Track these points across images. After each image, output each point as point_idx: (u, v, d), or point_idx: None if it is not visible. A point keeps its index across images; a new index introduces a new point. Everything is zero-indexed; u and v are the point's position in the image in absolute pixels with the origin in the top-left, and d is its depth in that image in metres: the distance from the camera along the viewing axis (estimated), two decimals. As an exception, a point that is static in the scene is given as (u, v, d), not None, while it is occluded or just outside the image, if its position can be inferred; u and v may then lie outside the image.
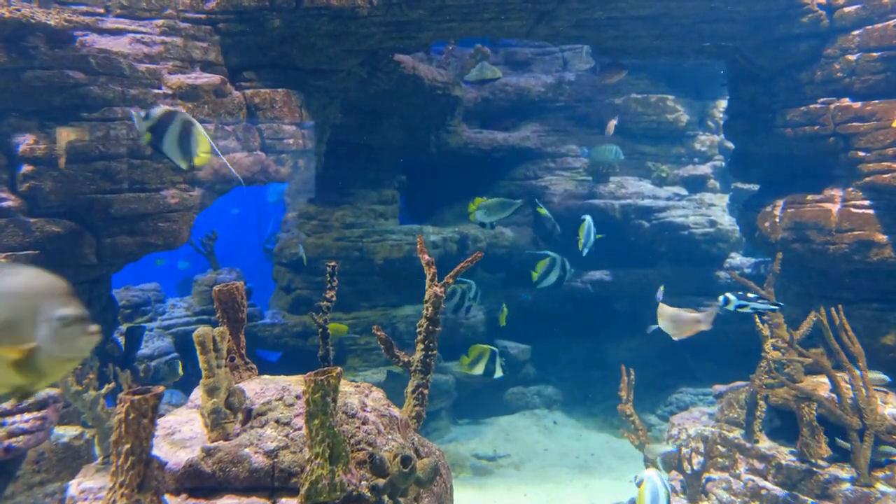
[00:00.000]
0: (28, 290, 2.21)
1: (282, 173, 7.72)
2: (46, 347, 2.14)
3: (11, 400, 2.43)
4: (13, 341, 2.14)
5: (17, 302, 2.17)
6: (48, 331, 2.15)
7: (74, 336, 2.16)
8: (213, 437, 3.50)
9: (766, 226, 8.40)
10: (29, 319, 2.15)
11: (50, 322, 2.16)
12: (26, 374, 2.20)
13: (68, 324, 2.16)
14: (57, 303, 2.20)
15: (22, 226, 6.06)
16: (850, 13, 7.35)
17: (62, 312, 2.17)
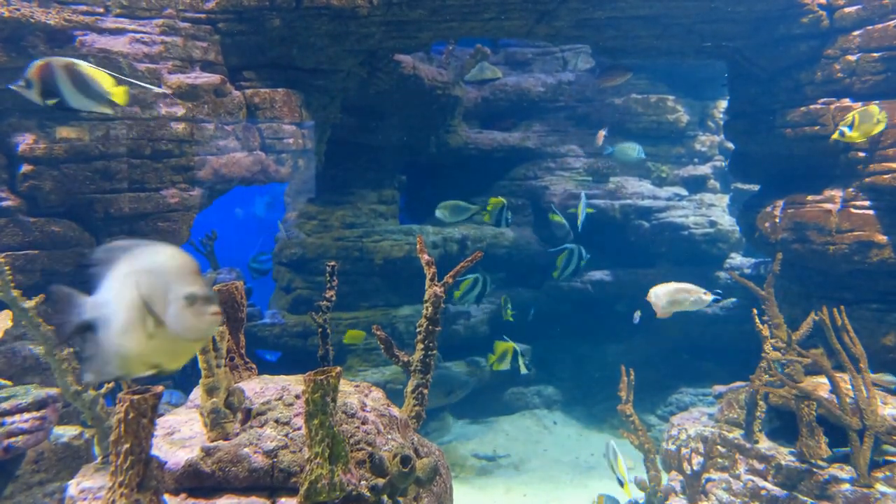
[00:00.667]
0: (165, 268, 2.18)
1: (282, 173, 7.72)
2: (173, 327, 2.13)
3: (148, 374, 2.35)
4: (150, 318, 2.13)
5: (155, 279, 2.15)
6: (175, 310, 2.13)
7: (197, 316, 2.14)
8: (212, 436, 3.50)
9: (766, 226, 8.40)
10: (163, 297, 2.13)
11: (177, 301, 2.14)
12: (160, 354, 2.19)
13: (192, 303, 2.13)
14: (186, 281, 2.16)
15: (22, 225, 6.07)
16: (851, 13, 7.35)
17: (188, 291, 2.14)
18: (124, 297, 2.17)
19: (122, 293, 2.18)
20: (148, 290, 2.14)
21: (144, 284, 2.15)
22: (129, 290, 2.17)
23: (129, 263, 2.22)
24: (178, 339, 2.15)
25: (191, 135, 6.86)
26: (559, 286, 12.21)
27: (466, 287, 10.01)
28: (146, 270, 2.18)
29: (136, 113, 6.55)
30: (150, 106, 6.66)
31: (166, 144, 6.71)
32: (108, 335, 2.21)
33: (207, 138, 7.01)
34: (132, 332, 2.16)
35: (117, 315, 2.19)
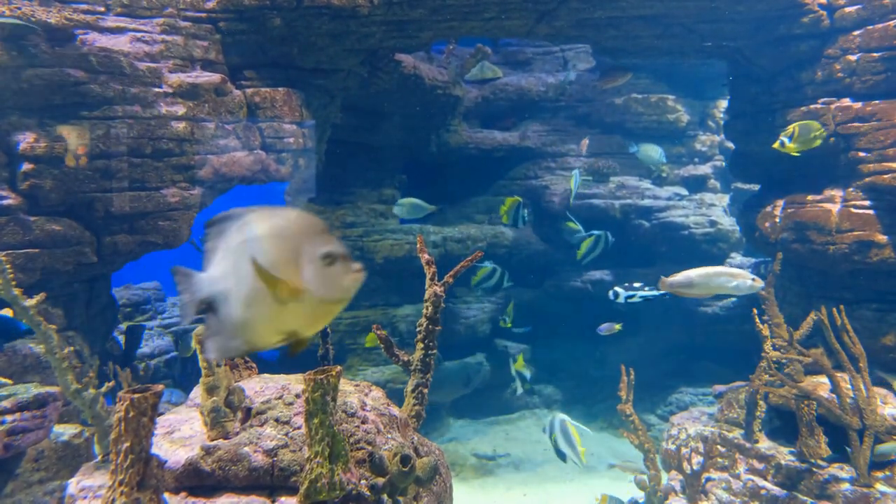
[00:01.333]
0: (294, 231, 2.08)
1: (282, 172, 7.72)
2: (313, 288, 2.01)
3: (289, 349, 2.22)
4: (284, 283, 2.01)
5: (284, 244, 2.05)
6: (313, 271, 2.02)
7: (339, 275, 2.02)
8: (212, 435, 3.50)
9: (767, 226, 8.40)
10: (296, 260, 2.02)
11: (314, 262, 2.02)
12: (297, 319, 2.07)
13: (332, 262, 2.02)
14: (320, 241, 2.05)
15: (22, 224, 6.07)
16: (851, 13, 7.35)
17: (326, 250, 2.03)
18: (244, 268, 2.06)
19: (240, 264, 2.07)
20: (276, 255, 2.04)
21: (271, 250, 2.04)
22: (247, 261, 2.05)
23: (245, 232, 2.12)
24: (321, 302, 2.03)
25: (191, 134, 6.86)
26: (559, 286, 12.21)
27: (483, 275, 10.10)
28: (270, 236, 2.07)
29: (136, 112, 6.55)
30: (151, 105, 6.66)
31: (167, 143, 6.71)
32: (233, 309, 2.10)
33: (208, 137, 7.01)
34: (261, 301, 2.04)
35: (240, 287, 2.07)
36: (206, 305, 2.16)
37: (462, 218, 12.67)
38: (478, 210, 12.83)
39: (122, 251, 6.65)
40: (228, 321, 2.11)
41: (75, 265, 6.36)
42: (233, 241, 2.12)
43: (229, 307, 2.10)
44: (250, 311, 2.06)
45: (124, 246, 6.64)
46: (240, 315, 2.08)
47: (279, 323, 2.07)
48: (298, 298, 2.00)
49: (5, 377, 5.81)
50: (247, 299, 2.06)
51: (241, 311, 2.08)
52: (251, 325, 2.09)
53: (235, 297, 2.08)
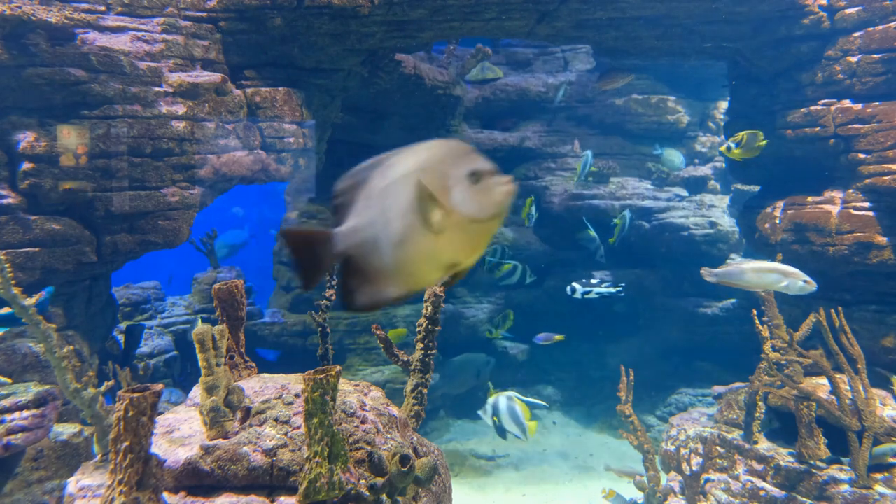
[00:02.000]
0: (437, 160, 2.00)
1: (282, 172, 7.73)
2: (464, 209, 1.91)
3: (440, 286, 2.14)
4: (436, 211, 1.92)
5: (430, 175, 1.96)
6: (462, 192, 1.92)
7: (487, 191, 1.91)
8: (211, 435, 3.50)
9: (766, 227, 8.40)
10: (444, 187, 1.93)
11: (461, 183, 1.93)
12: (455, 248, 1.97)
13: (479, 179, 1.92)
14: (463, 162, 1.96)
15: (22, 223, 6.07)
16: (852, 15, 7.35)
17: (471, 168, 1.94)
18: (391, 207, 1.99)
19: (387, 205, 2.00)
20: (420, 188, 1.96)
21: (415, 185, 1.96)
22: (394, 199, 1.99)
23: (383, 176, 2.05)
24: (473, 222, 1.92)
25: (191, 133, 6.86)
26: (559, 286, 12.21)
27: (505, 272, 10.08)
28: (414, 171, 2.00)
29: (137, 111, 6.55)
30: (152, 104, 6.66)
31: (167, 143, 6.71)
32: (384, 254, 2.01)
33: (208, 137, 7.02)
34: (415, 237, 1.95)
35: (389, 228, 1.99)
36: (343, 260, 2.08)
37: (462, 218, 12.66)
38: (478, 210, 12.82)
39: (121, 250, 6.65)
40: (380, 267, 2.03)
41: (75, 264, 6.36)
42: (375, 186, 2.06)
43: (379, 253, 2.02)
44: (405, 251, 1.98)
45: (124, 245, 6.64)
46: (394, 257, 2.00)
47: (437, 256, 1.98)
48: (453, 224, 1.92)
49: (4, 376, 5.81)
50: (399, 239, 1.98)
51: (394, 253, 2.00)
52: (408, 265, 2.01)
53: (386, 240, 2.01)
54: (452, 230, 1.92)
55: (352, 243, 2.06)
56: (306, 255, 2.12)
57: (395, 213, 1.98)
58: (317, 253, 2.10)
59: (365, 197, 2.08)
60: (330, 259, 2.08)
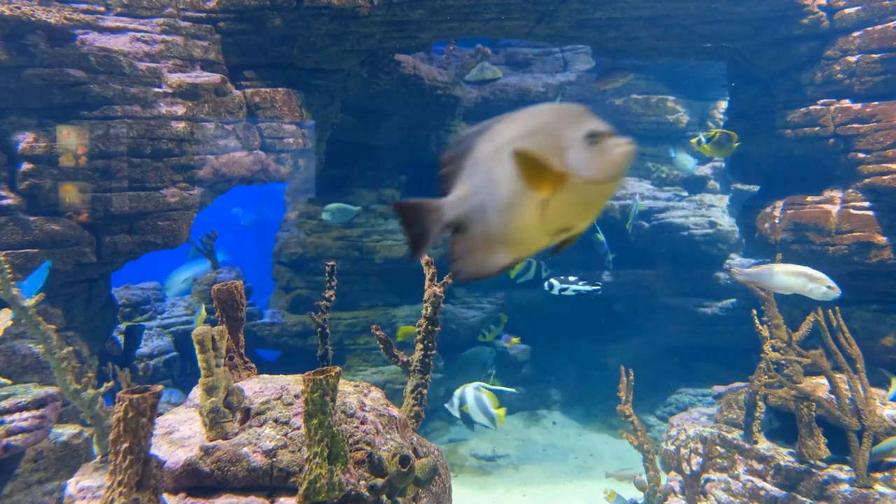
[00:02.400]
0: (549, 123, 1.96)
1: (282, 172, 7.72)
2: (581, 171, 1.85)
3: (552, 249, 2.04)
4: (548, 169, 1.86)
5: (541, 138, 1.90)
6: (577, 154, 1.86)
7: (607, 151, 1.85)
8: (211, 436, 3.50)
9: (766, 227, 8.40)
10: (558, 150, 1.87)
11: (577, 144, 1.87)
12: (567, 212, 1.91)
13: (597, 140, 1.86)
14: (579, 123, 1.90)
15: (22, 224, 6.06)
16: (851, 15, 7.35)
17: (588, 129, 1.87)
18: (499, 173, 1.93)
19: (494, 171, 1.95)
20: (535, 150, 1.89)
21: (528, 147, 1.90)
22: (501, 164, 1.93)
23: (490, 142, 2.01)
24: (590, 184, 1.86)
25: (191, 134, 6.86)
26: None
27: (519, 269, 10.04)
28: (524, 135, 1.94)
29: (136, 112, 6.55)
30: (151, 105, 6.66)
31: (166, 143, 6.71)
32: (492, 220, 1.97)
33: (208, 137, 7.02)
34: (524, 201, 1.90)
35: (497, 194, 1.94)
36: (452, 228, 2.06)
37: (462, 218, 12.66)
38: (477, 210, 12.83)
39: (121, 251, 6.65)
40: (488, 235, 1.99)
41: (74, 265, 6.36)
42: (483, 152, 2.02)
43: (487, 220, 1.98)
44: (514, 217, 1.94)
45: (124, 246, 6.64)
46: (502, 223, 1.96)
47: (548, 221, 1.92)
48: (566, 187, 1.85)
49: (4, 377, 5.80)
50: (507, 205, 1.93)
51: (503, 218, 1.95)
52: (517, 232, 1.96)
53: (493, 206, 1.96)
54: (567, 194, 1.86)
55: (460, 212, 2.03)
56: (416, 225, 2.10)
57: (502, 178, 1.93)
58: (426, 223, 2.08)
59: (471, 164, 2.05)
60: (439, 228, 2.06)
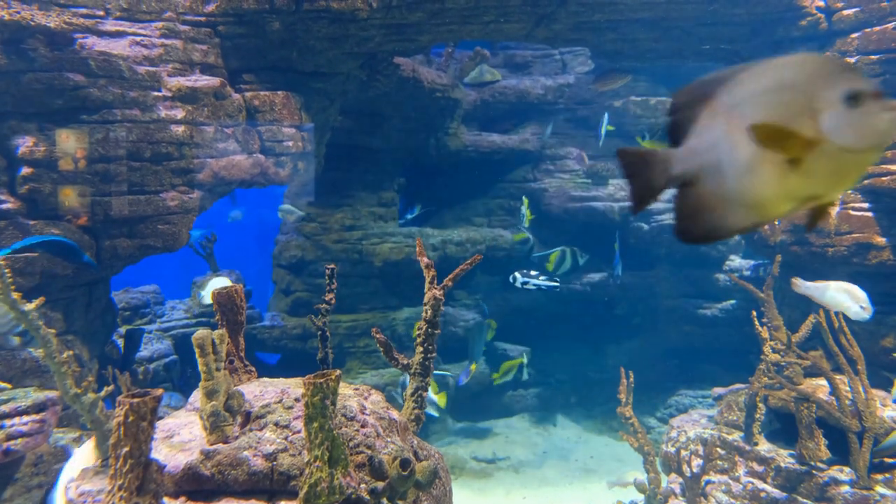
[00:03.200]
0: (802, 77, 1.74)
1: (281, 175, 7.73)
2: (837, 137, 1.64)
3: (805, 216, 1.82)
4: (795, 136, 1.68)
5: (791, 95, 1.71)
6: (833, 116, 1.65)
7: (870, 116, 1.62)
8: (211, 439, 3.50)
9: (766, 228, 8.40)
10: (809, 110, 1.67)
11: (833, 106, 1.66)
12: (817, 180, 1.71)
13: (859, 101, 1.64)
14: (836, 82, 1.67)
15: (21, 228, 6.07)
16: (849, 16, 7.37)
17: (848, 87, 1.65)
18: (740, 129, 1.75)
19: (734, 127, 1.77)
20: (781, 109, 1.70)
21: (775, 105, 1.72)
22: (743, 120, 1.74)
23: (731, 94, 1.82)
24: (846, 152, 1.66)
25: (190, 137, 6.87)
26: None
27: (556, 260, 9.92)
28: (771, 90, 1.74)
29: (135, 115, 6.56)
30: (150, 108, 6.67)
31: (166, 147, 6.71)
32: (728, 180, 1.80)
33: (207, 141, 7.02)
34: (766, 166, 1.72)
35: (736, 153, 1.77)
36: (679, 182, 1.90)
37: (461, 221, 12.67)
38: (477, 213, 12.83)
39: (121, 255, 6.65)
40: (722, 194, 1.82)
41: (74, 269, 6.36)
42: (722, 103, 1.83)
43: (722, 179, 1.81)
44: (753, 180, 1.76)
45: (123, 250, 6.64)
46: (740, 185, 1.79)
47: (793, 188, 1.73)
48: (817, 152, 1.66)
49: (4, 381, 5.80)
50: (747, 165, 1.75)
51: (741, 180, 1.78)
52: (756, 196, 1.79)
53: (730, 166, 1.79)
54: (817, 160, 1.67)
55: (690, 166, 1.87)
56: (640, 175, 1.96)
57: (742, 137, 1.74)
58: (652, 174, 1.93)
59: (708, 115, 1.86)
60: (665, 181, 1.92)
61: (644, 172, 1.94)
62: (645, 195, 1.97)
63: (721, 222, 1.85)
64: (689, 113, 1.90)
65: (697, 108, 1.88)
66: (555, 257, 9.82)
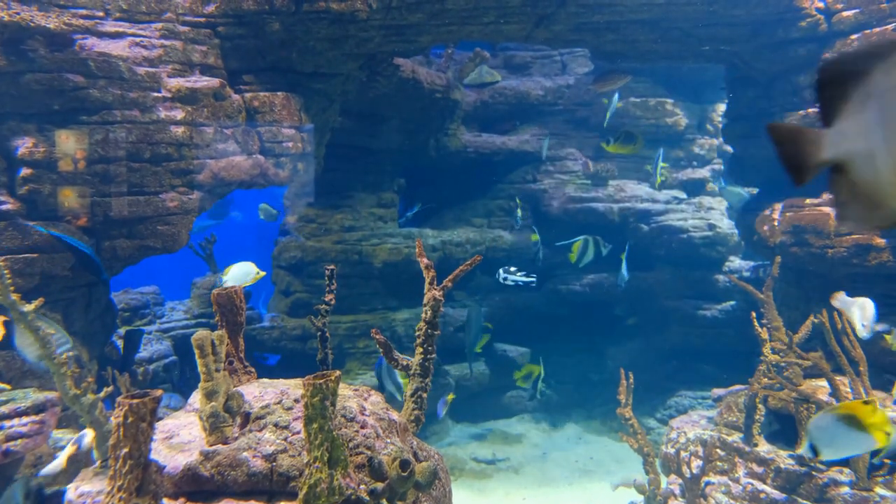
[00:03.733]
0: None
1: (281, 176, 7.73)
2: None
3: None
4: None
5: None
6: None
7: None
8: (211, 440, 3.49)
9: (765, 229, 8.40)
10: None
11: None
12: None
13: None
14: None
15: (21, 229, 6.06)
16: (849, 17, 7.37)
17: None
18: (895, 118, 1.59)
19: (891, 114, 1.60)
20: None
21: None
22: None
23: (888, 74, 1.62)
24: None
25: (190, 138, 6.86)
26: (558, 289, 12.21)
27: (579, 250, 9.85)
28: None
29: (135, 116, 6.55)
30: (150, 109, 6.67)
31: (165, 148, 6.71)
32: (880, 170, 1.63)
33: (207, 142, 7.02)
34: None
35: (889, 144, 1.60)
36: (831, 167, 1.77)
37: (461, 221, 12.67)
38: (476, 214, 12.83)
39: (120, 256, 6.65)
40: (879, 184, 1.66)
41: (74, 270, 6.36)
42: (877, 85, 1.64)
43: (876, 168, 1.65)
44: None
45: (123, 251, 6.63)
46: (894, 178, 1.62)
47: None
48: None
49: (4, 382, 5.80)
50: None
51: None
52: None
53: (886, 156, 1.62)
54: None
55: (841, 150, 1.72)
56: (790, 152, 1.84)
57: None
58: (801, 154, 1.81)
59: (862, 95, 1.68)
60: (815, 163, 1.79)
61: (795, 151, 1.83)
62: (798, 172, 1.85)
63: (881, 213, 1.70)
64: (840, 89, 1.72)
65: (849, 86, 1.71)
66: (577, 247, 9.75)
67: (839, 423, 4.22)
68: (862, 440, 4.17)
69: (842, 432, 4.18)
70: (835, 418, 4.23)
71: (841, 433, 4.19)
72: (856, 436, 4.15)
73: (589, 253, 9.78)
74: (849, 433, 4.17)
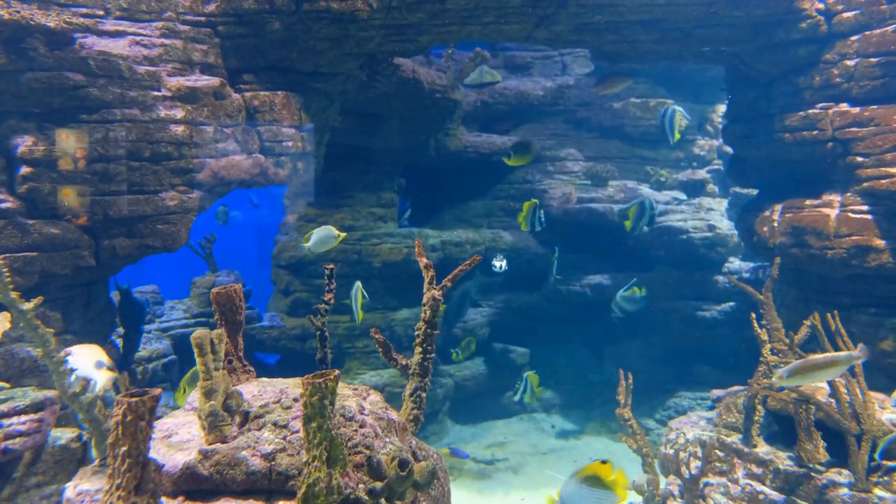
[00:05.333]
0: None
1: (280, 176, 7.72)
2: None
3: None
4: None
5: None
6: None
7: None
8: (210, 439, 3.49)
9: (765, 230, 8.40)
10: None
11: None
12: None
13: None
14: None
15: (20, 227, 6.06)
16: (849, 19, 7.37)
17: None
18: None
19: None
20: None
21: None
22: None
23: None
24: None
25: (190, 137, 6.86)
26: (558, 289, 12.22)
27: (635, 213, 9.84)
28: None
29: (135, 115, 6.55)
30: (150, 108, 6.66)
31: (165, 147, 6.71)
32: None
33: (207, 141, 7.01)
34: None
35: None
36: None
37: (461, 222, 12.68)
38: (476, 214, 12.84)
39: (120, 255, 6.64)
40: None
41: (73, 269, 6.36)
42: None
43: None
44: None
45: (122, 249, 6.63)
46: None
47: None
48: None
49: (2, 380, 5.79)
50: None
51: None
52: None
53: None
54: None
55: None
56: None
57: None
58: None
59: None
60: None
61: None
62: None
63: None
64: None
65: None
66: (633, 211, 9.87)
67: (583, 486, 4.67)
68: (605, 497, 4.64)
69: (586, 493, 4.65)
70: (579, 482, 4.67)
71: (586, 494, 4.65)
72: (600, 494, 4.63)
73: (646, 215, 9.87)
74: (593, 493, 4.64)
